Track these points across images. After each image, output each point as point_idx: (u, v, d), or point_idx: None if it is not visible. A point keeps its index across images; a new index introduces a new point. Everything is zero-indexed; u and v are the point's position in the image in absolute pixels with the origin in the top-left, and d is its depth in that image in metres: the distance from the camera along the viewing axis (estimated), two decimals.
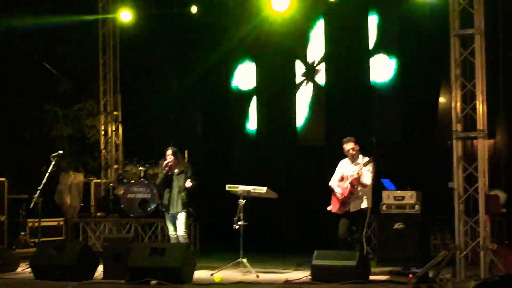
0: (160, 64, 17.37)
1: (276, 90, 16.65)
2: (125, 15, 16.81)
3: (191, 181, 12.73)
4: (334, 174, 12.01)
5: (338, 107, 15.96)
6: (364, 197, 11.79)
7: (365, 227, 12.01)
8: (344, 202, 11.77)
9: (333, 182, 11.99)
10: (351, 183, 11.66)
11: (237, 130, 17.05)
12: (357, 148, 11.87)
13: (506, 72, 13.96)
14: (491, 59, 12.02)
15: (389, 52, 15.63)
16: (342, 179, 11.90)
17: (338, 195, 11.82)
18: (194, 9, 16.39)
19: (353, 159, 11.86)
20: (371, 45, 15.79)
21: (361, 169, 11.60)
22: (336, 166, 12.07)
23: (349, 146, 11.86)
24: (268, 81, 16.79)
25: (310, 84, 16.47)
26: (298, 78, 16.53)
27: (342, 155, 12.09)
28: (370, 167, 11.66)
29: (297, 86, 16.51)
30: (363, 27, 15.74)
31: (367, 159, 11.65)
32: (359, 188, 11.69)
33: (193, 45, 16.86)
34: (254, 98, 16.98)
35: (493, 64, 13.01)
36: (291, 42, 16.34)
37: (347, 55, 15.89)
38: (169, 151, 12.98)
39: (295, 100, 16.50)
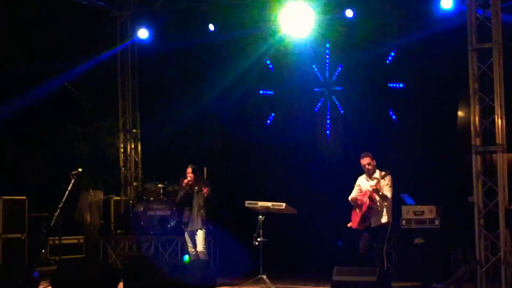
0: (178, 82, 17.41)
1: (295, 105, 16.61)
2: (143, 34, 16.90)
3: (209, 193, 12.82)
4: (353, 190, 11.99)
5: (356, 123, 15.92)
6: (384, 211, 11.75)
7: (385, 242, 12.03)
8: (364, 217, 11.72)
9: (353, 195, 11.97)
10: (370, 197, 11.63)
11: (256, 146, 17.02)
12: (374, 163, 11.85)
13: None
14: (509, 73, 11.94)
15: (407, 65, 15.59)
16: (361, 192, 11.89)
17: (358, 209, 11.79)
18: (211, 26, 16.44)
19: (370, 175, 11.84)
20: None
21: (379, 182, 11.59)
22: (354, 181, 12.08)
23: (365, 161, 11.85)
24: (287, 96, 16.76)
25: (329, 98, 16.45)
26: (317, 93, 16.50)
27: (361, 169, 12.10)
28: (388, 180, 11.64)
29: (316, 101, 16.47)
30: (381, 46, 15.71)
31: (383, 173, 11.63)
32: (378, 203, 11.65)
33: (211, 62, 16.91)
34: (273, 113, 16.97)
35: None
36: (309, 57, 16.35)
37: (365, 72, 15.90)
38: (189, 169, 13.05)
39: (313, 114, 16.47)
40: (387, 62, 15.84)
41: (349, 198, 11.98)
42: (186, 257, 12.74)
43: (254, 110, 17.33)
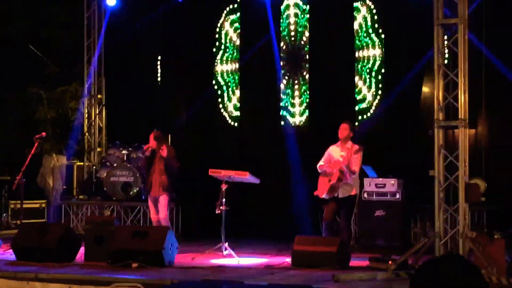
0: (145, 48, 17.31)
1: (260, 74, 16.57)
2: (111, 1, 16.80)
3: (168, 155, 12.81)
4: (322, 158, 12.05)
5: (322, 93, 15.93)
6: (353, 184, 11.86)
7: (353, 213, 12.16)
8: (332, 187, 11.78)
9: (321, 163, 12.04)
10: (340, 169, 11.70)
11: (220, 114, 17.01)
12: (350, 133, 11.93)
13: (488, 62, 14.01)
14: (473, 49, 12.05)
15: (372, 40, 15.61)
16: (329, 163, 11.96)
17: (326, 179, 11.83)
18: None
19: (343, 143, 11.91)
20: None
21: (350, 155, 11.68)
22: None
23: (343, 126, 11.93)
24: (252, 66, 16.71)
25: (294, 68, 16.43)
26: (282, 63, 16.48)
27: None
28: (358, 156, 11.74)
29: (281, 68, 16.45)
30: (348, 17, 15.71)
31: (357, 147, 11.71)
32: (347, 175, 11.73)
33: (178, 29, 16.82)
34: (238, 82, 16.91)
35: (476, 54, 13.04)
36: (275, 26, 16.32)
37: (332, 43, 15.86)
38: (151, 135, 13.05)
39: (277, 83, 16.46)
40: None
41: (318, 166, 12.03)
42: None
43: (219, 78, 17.21)
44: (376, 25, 15.36)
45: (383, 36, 15.23)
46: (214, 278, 9.85)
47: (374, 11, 15.37)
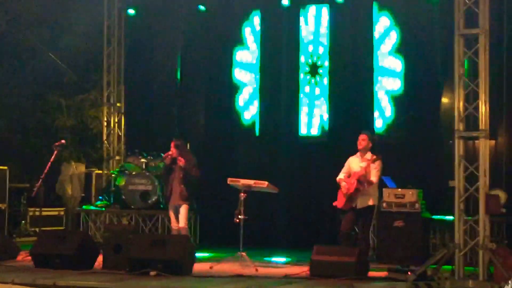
0: (164, 57, 17.35)
1: (279, 84, 16.56)
2: (130, 10, 16.88)
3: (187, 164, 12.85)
4: (342, 169, 12.10)
5: (341, 104, 15.92)
6: (371, 194, 11.88)
7: (371, 224, 12.18)
8: (350, 197, 11.81)
9: (341, 177, 12.06)
10: (358, 179, 11.72)
11: (239, 123, 16.99)
12: (368, 144, 11.97)
13: (510, 73, 13.97)
14: (495, 60, 11.99)
15: (394, 51, 15.60)
16: (349, 175, 11.98)
17: (344, 190, 11.87)
18: (201, 7, 16.41)
19: (362, 153, 11.94)
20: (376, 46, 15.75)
21: (369, 166, 11.70)
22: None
23: (362, 137, 12.00)
24: (271, 75, 16.71)
25: (314, 80, 16.40)
26: (302, 73, 16.45)
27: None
28: (377, 165, 11.77)
29: (300, 81, 16.42)
30: (368, 25, 15.70)
31: (375, 157, 11.74)
32: (365, 185, 11.75)
33: (196, 38, 16.85)
34: (257, 92, 16.89)
35: (497, 64, 13.00)
36: (294, 37, 16.34)
37: (352, 53, 15.86)
38: (172, 143, 13.08)
39: (298, 94, 16.44)
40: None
41: (337, 179, 12.06)
42: None
43: (238, 86, 17.18)
44: (396, 39, 15.39)
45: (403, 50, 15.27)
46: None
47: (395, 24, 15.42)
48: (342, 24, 15.92)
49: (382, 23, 15.60)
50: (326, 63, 16.16)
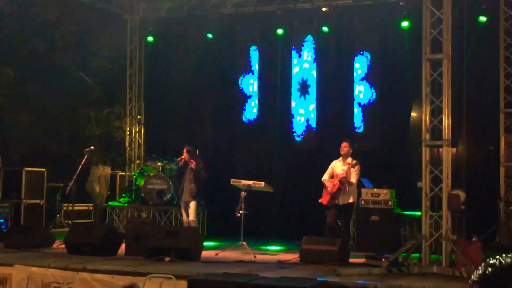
0: (177, 76, 17.34)
1: (275, 97, 16.55)
2: (150, 37, 16.91)
3: (197, 167, 12.87)
4: (327, 171, 12.19)
5: (327, 117, 15.95)
6: (351, 193, 11.94)
7: (351, 218, 12.20)
8: (333, 196, 11.88)
9: (325, 178, 12.10)
10: (340, 180, 11.78)
11: (242, 131, 16.99)
12: (349, 150, 12.07)
13: (469, 92, 14.04)
14: (456, 80, 12.02)
15: (367, 76, 15.66)
16: (332, 176, 12.03)
17: (329, 189, 11.91)
18: (209, 35, 16.42)
19: (344, 157, 12.00)
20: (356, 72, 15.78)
21: (349, 169, 11.77)
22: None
23: (344, 144, 12.10)
24: (268, 91, 16.70)
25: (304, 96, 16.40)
26: (294, 89, 16.43)
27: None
28: (356, 169, 11.84)
29: (293, 97, 16.41)
30: (348, 58, 15.78)
31: (354, 162, 11.83)
32: (346, 185, 11.81)
33: (206, 61, 16.86)
34: (257, 103, 16.87)
35: (458, 85, 13.03)
36: (288, 58, 16.35)
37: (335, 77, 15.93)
38: (185, 149, 13.15)
39: (291, 109, 16.44)
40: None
41: (322, 179, 12.13)
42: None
43: (241, 99, 17.12)
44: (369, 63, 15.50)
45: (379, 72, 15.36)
46: (234, 272, 9.85)
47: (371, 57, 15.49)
48: (326, 54, 15.94)
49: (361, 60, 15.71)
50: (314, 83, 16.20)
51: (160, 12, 16.47)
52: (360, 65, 15.72)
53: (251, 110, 16.76)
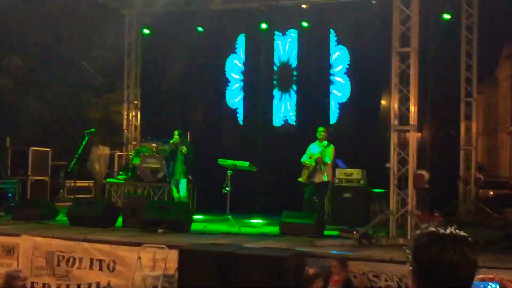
0: (171, 65, 17.20)
1: (257, 84, 16.48)
2: (145, 30, 16.76)
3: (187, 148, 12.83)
4: (305, 153, 12.15)
5: (306, 104, 15.92)
6: (326, 172, 11.93)
7: (326, 195, 12.18)
8: (310, 174, 11.87)
9: (304, 159, 12.08)
10: (316, 161, 11.78)
11: (227, 117, 16.94)
12: (325, 134, 12.04)
13: (434, 82, 14.05)
14: (422, 72, 12.00)
15: (344, 70, 15.64)
16: (310, 157, 12.01)
17: (306, 168, 11.92)
18: (199, 29, 16.30)
19: (320, 141, 11.98)
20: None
21: (324, 150, 11.76)
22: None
23: (320, 129, 12.03)
24: (251, 75, 16.64)
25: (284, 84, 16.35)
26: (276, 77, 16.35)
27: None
28: (330, 150, 11.83)
29: (275, 85, 16.36)
30: (326, 51, 15.73)
31: (330, 144, 11.86)
32: (321, 165, 11.80)
33: (197, 52, 16.74)
34: (242, 90, 16.80)
35: (424, 75, 13.01)
36: (269, 47, 16.28)
37: (314, 69, 15.88)
38: (176, 132, 13.05)
39: (273, 95, 16.39)
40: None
41: (301, 160, 12.11)
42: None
43: (227, 86, 17.06)
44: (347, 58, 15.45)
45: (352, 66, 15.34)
46: (221, 242, 9.83)
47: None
48: (306, 46, 15.88)
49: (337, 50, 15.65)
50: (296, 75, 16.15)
51: (156, 7, 16.27)
52: (337, 58, 15.66)
53: (236, 95, 16.71)
